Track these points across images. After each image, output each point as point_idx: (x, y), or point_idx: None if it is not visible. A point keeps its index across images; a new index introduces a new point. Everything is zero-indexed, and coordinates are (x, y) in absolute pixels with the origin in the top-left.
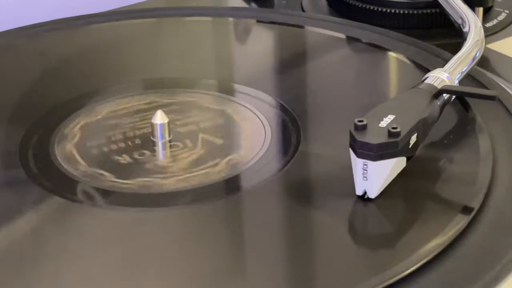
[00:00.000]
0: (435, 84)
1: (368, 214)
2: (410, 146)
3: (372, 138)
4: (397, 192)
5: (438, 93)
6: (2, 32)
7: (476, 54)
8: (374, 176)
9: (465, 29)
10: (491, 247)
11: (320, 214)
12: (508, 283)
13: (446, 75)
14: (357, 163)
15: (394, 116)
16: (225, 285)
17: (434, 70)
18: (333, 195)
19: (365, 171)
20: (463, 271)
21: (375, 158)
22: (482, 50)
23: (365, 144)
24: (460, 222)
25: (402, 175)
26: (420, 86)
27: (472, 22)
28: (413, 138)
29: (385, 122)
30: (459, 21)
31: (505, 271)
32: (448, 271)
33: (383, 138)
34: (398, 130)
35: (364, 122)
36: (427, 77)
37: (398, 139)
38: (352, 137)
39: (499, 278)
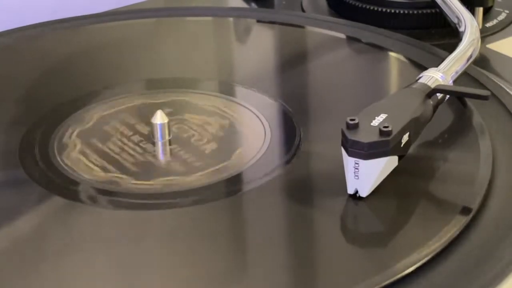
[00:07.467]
0: (429, 84)
1: (368, 215)
2: (401, 145)
3: (363, 136)
4: (396, 192)
5: (431, 92)
6: (2, 32)
7: (471, 54)
8: (365, 175)
9: (461, 29)
10: (491, 247)
11: (320, 214)
12: (508, 284)
13: (440, 74)
14: (349, 162)
15: (386, 115)
16: (225, 284)
17: (429, 69)
18: (333, 195)
19: (356, 170)
20: (462, 271)
21: (366, 157)
22: (478, 49)
23: (356, 142)
24: (459, 222)
25: (401, 175)
26: (414, 86)
27: (468, 21)
28: (405, 138)
29: (377, 121)
30: (455, 21)
31: (505, 272)
32: (447, 271)
33: (374, 137)
34: (389, 129)
35: (356, 121)
36: (421, 77)
37: (389, 138)
38: (343, 136)
39: (499, 279)
